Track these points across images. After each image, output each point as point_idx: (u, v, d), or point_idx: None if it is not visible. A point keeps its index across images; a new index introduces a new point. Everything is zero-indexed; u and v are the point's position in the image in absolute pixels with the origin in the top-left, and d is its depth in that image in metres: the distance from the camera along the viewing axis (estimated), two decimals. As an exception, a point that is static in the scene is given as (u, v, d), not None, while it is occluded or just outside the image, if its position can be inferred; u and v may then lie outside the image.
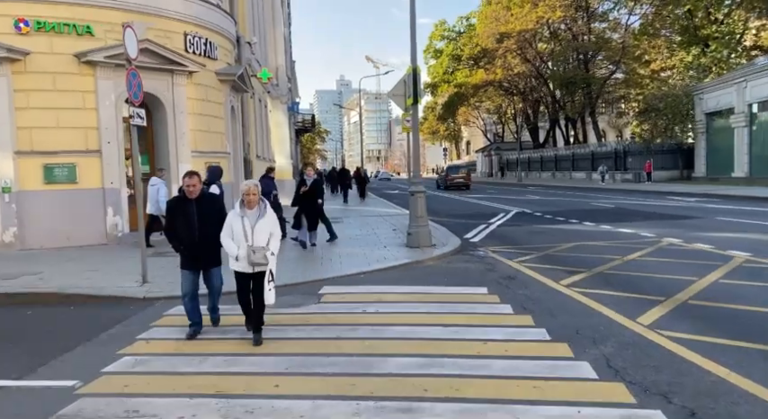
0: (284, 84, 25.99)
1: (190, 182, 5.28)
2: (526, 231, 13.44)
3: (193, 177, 5.30)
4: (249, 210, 5.03)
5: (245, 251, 4.95)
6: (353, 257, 9.62)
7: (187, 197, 5.32)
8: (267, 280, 5.07)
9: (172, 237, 5.45)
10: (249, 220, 4.99)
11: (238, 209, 5.04)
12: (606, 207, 19.65)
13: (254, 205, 5.03)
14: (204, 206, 5.34)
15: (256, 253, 4.94)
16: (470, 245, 11.22)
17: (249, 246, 4.95)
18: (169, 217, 5.47)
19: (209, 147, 13.34)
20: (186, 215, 5.28)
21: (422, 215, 10.57)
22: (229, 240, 5.05)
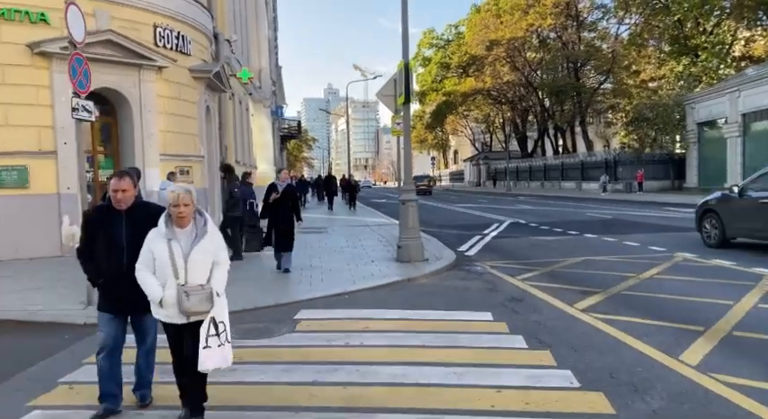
0: (268, 88, 24.91)
1: (118, 186, 3.60)
2: (525, 243, 12.45)
3: (124, 179, 3.65)
4: (180, 230, 3.36)
5: (174, 293, 3.31)
6: (337, 273, 8.53)
7: (114, 207, 3.67)
8: (208, 335, 3.35)
9: (87, 264, 3.77)
10: (180, 245, 3.32)
11: (163, 227, 3.35)
12: (603, 217, 18.78)
13: (188, 222, 3.37)
14: (138, 220, 3.61)
15: (191, 295, 3.29)
16: (466, 260, 10.19)
17: (180, 285, 3.30)
18: (85, 233, 3.80)
19: (180, 149, 12.21)
20: (111, 233, 3.62)
21: (413, 226, 9.53)
22: (149, 275, 3.38)
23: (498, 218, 19.16)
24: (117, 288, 3.61)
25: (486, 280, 8.13)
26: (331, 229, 15.84)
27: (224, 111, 15.91)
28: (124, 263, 3.56)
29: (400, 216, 9.76)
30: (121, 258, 3.58)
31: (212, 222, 3.52)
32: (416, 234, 9.58)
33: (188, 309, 3.32)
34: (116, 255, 3.60)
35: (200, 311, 3.34)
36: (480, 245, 12.38)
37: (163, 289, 3.34)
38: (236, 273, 8.71)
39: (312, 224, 17.74)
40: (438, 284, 7.94)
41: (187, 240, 3.35)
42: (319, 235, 14.33)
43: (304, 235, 14.30)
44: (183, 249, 3.32)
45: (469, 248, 11.83)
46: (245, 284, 7.75)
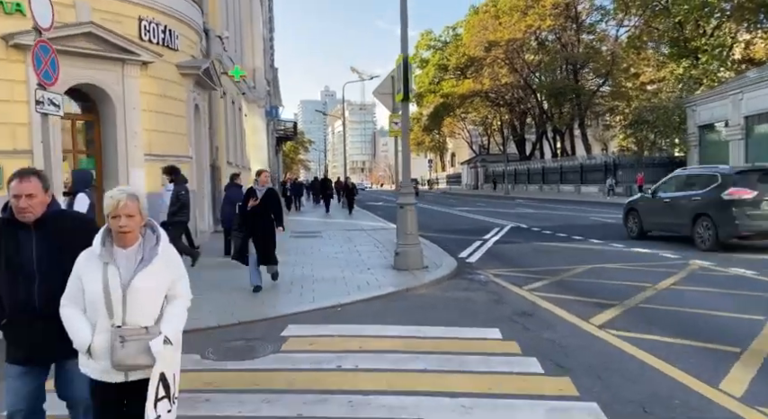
0: (262, 88, 24.32)
1: (21, 190, 2.59)
2: (529, 250, 11.87)
3: (27, 180, 2.62)
4: (121, 250, 2.44)
5: (107, 337, 2.36)
6: (330, 283, 7.92)
7: (17, 220, 2.65)
8: (156, 399, 2.38)
9: None
10: (119, 272, 2.39)
11: (98, 246, 2.44)
12: (607, 222, 18.23)
13: (133, 239, 2.46)
14: (54, 237, 2.67)
15: (127, 342, 2.35)
16: (468, 268, 9.60)
17: (115, 328, 2.36)
18: None
19: (166, 149, 11.59)
20: (15, 256, 2.64)
21: (412, 232, 8.94)
22: (76, 314, 2.45)
23: (498, 223, 18.59)
24: (30, 331, 2.63)
25: (490, 291, 7.54)
26: (326, 233, 15.24)
27: (215, 111, 15.30)
28: (36, 297, 2.61)
29: (398, 221, 9.18)
30: (31, 289, 2.62)
31: (168, 240, 2.57)
32: (415, 240, 8.98)
33: (120, 362, 2.33)
34: (24, 286, 2.62)
35: (139, 365, 2.36)
36: (482, 251, 11.79)
37: (92, 331, 2.39)
38: (220, 282, 8.24)
39: (306, 228, 17.15)
40: (439, 295, 7.34)
41: (129, 264, 2.41)
42: (313, 239, 13.73)
43: (297, 239, 13.71)
44: (123, 276, 2.37)
45: (470, 255, 11.24)
46: (230, 294, 7.14)
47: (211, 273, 8.75)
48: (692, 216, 11.20)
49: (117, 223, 2.39)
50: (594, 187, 41.96)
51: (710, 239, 10.60)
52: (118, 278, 2.38)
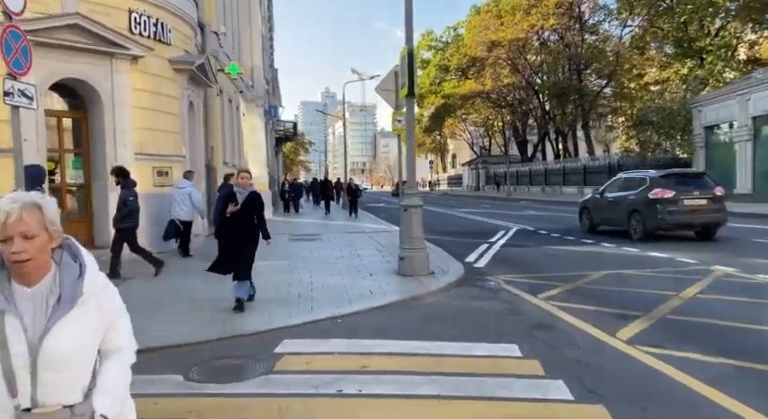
0: (261, 86, 23.77)
1: None
2: (538, 254, 11.32)
3: None
4: (25, 290, 1.58)
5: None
6: (329, 290, 7.36)
7: None
8: None
9: None
10: (22, 322, 1.54)
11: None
12: (616, 224, 17.67)
13: (39, 272, 1.60)
14: None
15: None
16: (476, 273, 9.05)
17: (21, 412, 1.54)
18: None
19: (158, 148, 11.05)
20: None
21: (417, 235, 8.38)
22: None
23: (503, 225, 18.04)
24: None
25: (503, 300, 6.98)
26: (325, 236, 14.68)
27: (210, 109, 14.76)
28: None
29: (402, 223, 8.62)
30: None
31: (96, 265, 1.70)
32: (421, 244, 8.42)
33: None
34: None
35: None
36: (489, 255, 11.23)
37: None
38: (210, 290, 7.69)
39: (305, 230, 16.60)
40: (448, 304, 6.78)
41: (39, 311, 1.57)
42: (312, 242, 13.18)
43: (295, 242, 13.16)
44: (30, 331, 1.54)
45: (478, 259, 10.68)
46: (219, 304, 6.58)
47: (200, 280, 8.18)
48: (628, 212, 13.23)
49: (9, 249, 1.53)
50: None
51: (641, 230, 12.56)
52: (21, 333, 1.52)
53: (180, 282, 8.13)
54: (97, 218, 10.43)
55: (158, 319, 5.79)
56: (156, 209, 10.90)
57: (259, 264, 9.46)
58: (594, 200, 15.22)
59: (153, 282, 8.28)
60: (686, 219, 12.46)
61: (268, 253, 11.21)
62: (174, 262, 9.93)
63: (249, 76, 22.92)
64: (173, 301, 6.91)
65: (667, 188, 12.54)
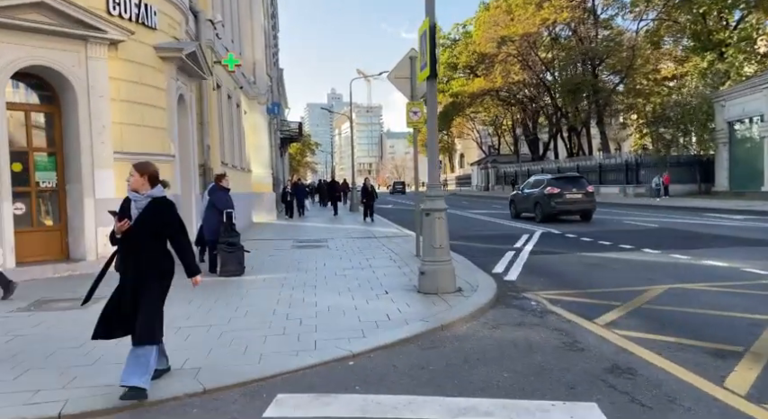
0: (263, 83, 22.48)
1: None
2: (575, 262, 9.92)
3: None
4: None
5: None
6: (337, 315, 6.00)
7: None
8: None
9: None
10: None
11: None
12: (648, 226, 16.22)
13: None
14: None
15: None
16: (511, 288, 7.67)
17: None
18: None
19: (142, 146, 9.74)
20: None
21: (442, 245, 7.01)
22: None
23: (525, 227, 16.64)
24: None
25: (555, 328, 5.59)
26: (332, 243, 13.33)
27: (206, 104, 13.46)
28: None
29: (423, 231, 7.24)
30: None
31: None
32: (446, 256, 7.05)
33: None
34: None
35: None
36: (518, 264, 9.85)
37: None
38: (192, 313, 6.12)
39: (310, 235, 15.27)
40: (488, 335, 5.40)
41: None
42: (317, 250, 11.84)
43: (298, 250, 11.84)
44: None
45: (507, 269, 9.31)
46: (197, 336, 5.24)
47: (182, 300, 6.86)
48: (534, 203, 18.88)
49: None
50: (614, 188, 39.82)
51: (540, 215, 17.47)
52: None
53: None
54: (72, 227, 9.14)
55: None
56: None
57: (253, 279, 8.23)
58: (517, 195, 21.07)
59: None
60: (568, 207, 18.09)
61: (267, 263, 9.99)
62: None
63: (251, 72, 21.65)
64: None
65: (556, 187, 18.23)
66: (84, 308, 6.58)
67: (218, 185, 9.11)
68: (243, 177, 19.50)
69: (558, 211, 17.91)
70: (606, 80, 45.23)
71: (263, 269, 9.36)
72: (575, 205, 18.07)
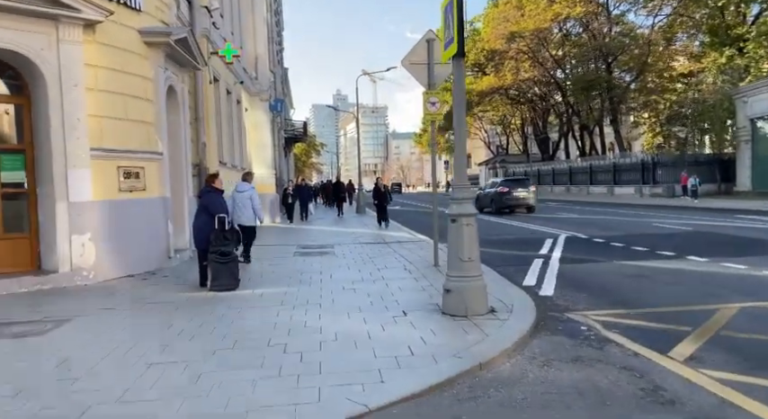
0: (265, 78, 21.38)
1: None
2: (615, 273, 8.72)
3: None
4: None
5: None
6: (347, 347, 4.84)
7: None
8: None
9: None
10: None
11: None
12: (683, 230, 14.98)
13: None
14: None
15: None
16: (550, 307, 6.50)
17: None
18: None
19: (125, 142, 8.63)
20: None
21: (471, 257, 5.83)
22: None
23: (547, 231, 15.43)
24: None
25: (621, 365, 4.41)
26: (339, 248, 12.18)
27: (201, 98, 12.36)
28: None
29: (448, 240, 6.06)
30: None
31: None
32: (476, 270, 5.87)
33: None
34: None
35: None
36: (551, 274, 8.66)
37: None
38: (164, 342, 4.84)
39: (315, 239, 14.12)
40: (540, 378, 4.21)
41: None
42: (322, 258, 10.69)
43: (302, 258, 10.70)
44: None
45: (539, 281, 8.13)
46: (168, 379, 4.08)
47: (162, 324, 5.74)
48: (490, 199, 23.43)
49: None
50: (630, 188, 38.49)
51: (494, 209, 21.68)
52: None
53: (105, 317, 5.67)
54: (44, 234, 8.03)
55: None
56: (124, 220, 8.49)
57: (249, 295, 7.06)
58: (480, 194, 24.66)
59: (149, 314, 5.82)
60: (514, 203, 22.64)
61: (266, 273, 8.81)
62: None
63: (253, 67, 20.56)
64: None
65: (506, 187, 23.23)
66: (43, 334, 5.50)
67: (211, 186, 7.97)
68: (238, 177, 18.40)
69: (507, 205, 22.64)
70: (619, 77, 43.86)
71: (260, 281, 8.22)
72: (519, 201, 22.82)
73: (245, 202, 9.69)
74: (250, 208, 9.72)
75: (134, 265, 8.65)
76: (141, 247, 8.82)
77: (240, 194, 9.74)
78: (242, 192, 9.77)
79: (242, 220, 9.64)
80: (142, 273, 8.73)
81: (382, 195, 17.52)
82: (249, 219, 9.80)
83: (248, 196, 9.73)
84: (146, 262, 8.90)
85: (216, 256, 7.52)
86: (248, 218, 9.77)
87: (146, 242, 8.93)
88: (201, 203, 7.88)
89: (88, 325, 5.87)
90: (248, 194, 9.75)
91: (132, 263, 8.62)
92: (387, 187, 18.49)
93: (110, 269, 8.22)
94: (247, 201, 9.70)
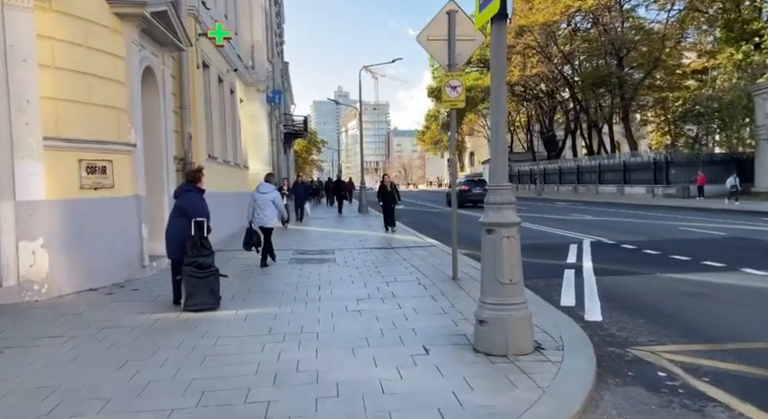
0: (262, 68, 20.02)
1: None
2: (664, 289, 7.41)
3: None
4: None
5: None
6: (353, 407, 3.50)
7: None
8: None
9: None
10: None
11: None
12: (716, 235, 13.64)
13: None
14: None
15: None
16: (606, 340, 5.19)
17: None
18: None
19: (88, 131, 7.29)
20: None
21: (513, 280, 4.50)
22: None
23: (566, 235, 14.12)
24: None
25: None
26: (340, 254, 10.85)
27: (187, 84, 11.01)
28: None
29: (484, 257, 4.70)
30: None
31: None
32: (518, 296, 4.54)
33: None
34: None
35: None
36: (590, 290, 7.34)
37: None
38: (111, 390, 3.62)
39: (314, 243, 12.79)
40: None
41: None
42: (321, 266, 9.36)
43: (298, 266, 9.37)
44: None
45: (580, 300, 6.82)
46: None
47: (115, 361, 4.42)
48: (459, 195, 18.30)
49: None
50: (641, 188, 37.12)
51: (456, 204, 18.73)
52: None
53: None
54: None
55: None
56: (86, 223, 7.17)
57: (230, 319, 5.63)
58: (448, 191, 26.22)
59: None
60: (473, 198, 26.98)
61: (254, 287, 7.29)
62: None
63: (249, 56, 19.21)
64: None
65: (466, 186, 28.57)
66: None
67: (192, 185, 6.61)
68: (238, 174, 17.07)
69: (466, 200, 27.19)
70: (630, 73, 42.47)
71: (246, 298, 6.89)
72: (478, 196, 26.64)
73: (267, 203, 9.49)
74: (272, 209, 9.55)
75: (98, 277, 7.33)
76: (108, 255, 7.50)
77: (263, 196, 9.51)
78: (264, 194, 9.54)
79: (264, 222, 9.48)
80: (108, 286, 7.41)
81: (389, 195, 15.25)
82: (271, 221, 9.60)
83: (270, 198, 9.53)
84: (113, 273, 7.57)
85: (192, 269, 6.19)
86: (270, 219, 9.56)
87: (114, 249, 7.60)
88: (178, 204, 6.54)
89: (12, 363, 4.54)
90: (270, 197, 9.55)
91: (96, 275, 7.29)
92: (395, 185, 16.25)
93: (66, 282, 6.90)
94: (270, 203, 9.51)
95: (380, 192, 15.51)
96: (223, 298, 6.49)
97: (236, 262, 9.87)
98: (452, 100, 7.33)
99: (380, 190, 15.62)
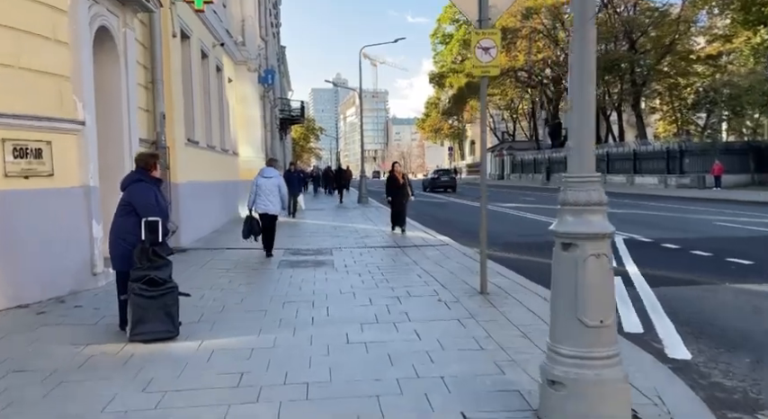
0: (253, 46, 18.32)
1: None
2: (753, 308, 5.87)
3: None
4: None
5: None
6: None
7: None
8: None
9: None
10: None
11: None
12: (759, 231, 12.12)
13: None
14: None
15: None
16: (712, 396, 3.64)
17: None
18: None
19: (14, 104, 5.68)
20: None
21: (606, 319, 2.94)
22: None
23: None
24: None
25: None
26: (339, 255, 9.30)
27: (159, 54, 9.34)
28: None
29: (555, 283, 3.15)
30: None
31: None
32: (610, 344, 2.99)
33: None
34: None
35: None
36: (652, 309, 5.83)
37: None
38: None
39: (309, 241, 11.22)
40: None
41: None
42: (317, 271, 7.80)
43: (290, 271, 7.78)
44: None
45: (648, 325, 5.31)
46: None
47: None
48: (428, 183, 38.93)
49: None
50: (653, 178, 35.54)
51: (429, 190, 36.69)
52: None
53: None
54: None
55: None
56: (11, 221, 5.60)
57: (189, 356, 4.10)
58: (428, 180, 41.10)
59: None
60: (440, 185, 36.86)
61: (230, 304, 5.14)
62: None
63: (238, 31, 17.51)
64: None
65: (435, 175, 40.09)
66: None
67: (144, 173, 5.02)
68: (225, 161, 15.46)
69: (436, 186, 36.09)
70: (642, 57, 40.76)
71: (218, 320, 5.32)
72: (445, 183, 36.32)
73: (272, 189, 9.03)
74: (277, 195, 9.09)
75: (31, 289, 5.76)
76: (45, 262, 5.93)
77: (268, 180, 9.06)
78: (269, 179, 9.09)
79: (269, 209, 9.05)
80: (44, 302, 5.84)
81: (401, 189, 12.11)
82: (276, 208, 9.14)
83: (276, 183, 9.13)
84: (53, 284, 6.00)
85: (140, 287, 4.61)
86: (275, 205, 9.10)
87: (53, 253, 6.03)
88: (124, 199, 4.96)
89: None
90: (276, 181, 9.15)
91: (27, 287, 5.73)
92: (407, 177, 12.95)
93: (31, 290, 5.34)
94: (275, 189, 9.08)
95: (389, 185, 12.39)
96: (187, 319, 4.95)
97: (215, 265, 8.34)
98: (484, 65, 5.75)
99: (389, 182, 12.51)
